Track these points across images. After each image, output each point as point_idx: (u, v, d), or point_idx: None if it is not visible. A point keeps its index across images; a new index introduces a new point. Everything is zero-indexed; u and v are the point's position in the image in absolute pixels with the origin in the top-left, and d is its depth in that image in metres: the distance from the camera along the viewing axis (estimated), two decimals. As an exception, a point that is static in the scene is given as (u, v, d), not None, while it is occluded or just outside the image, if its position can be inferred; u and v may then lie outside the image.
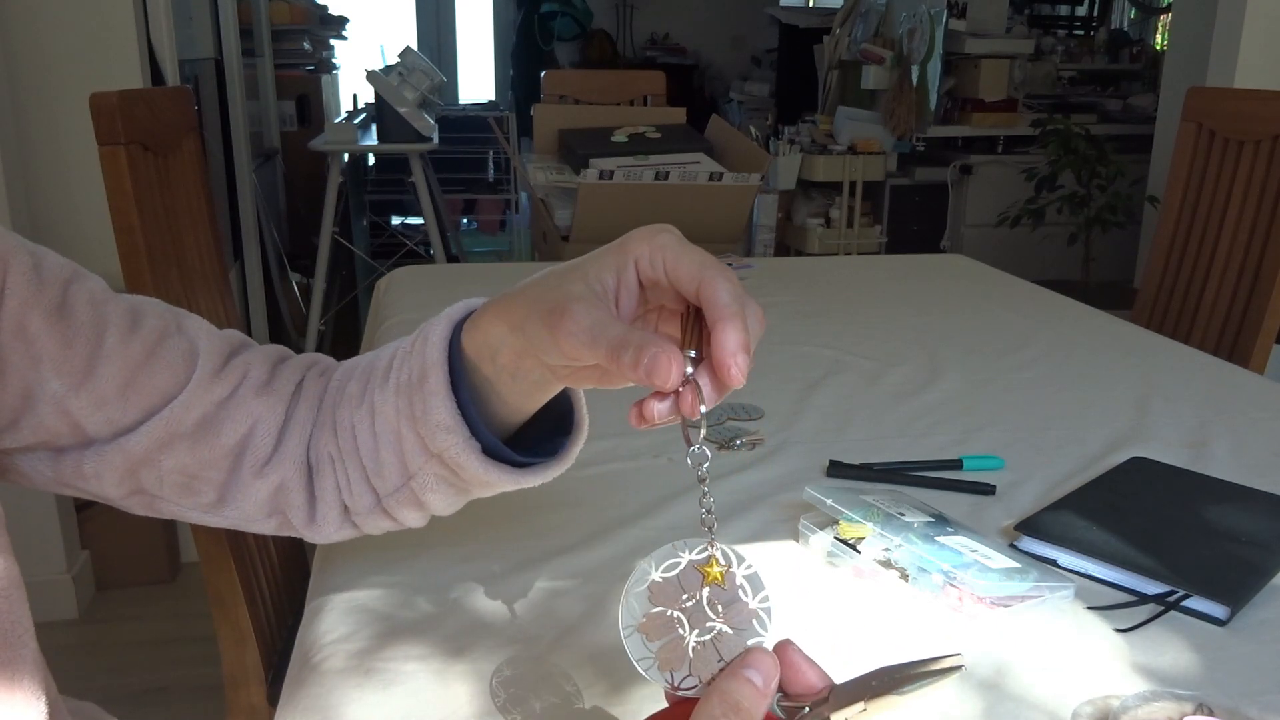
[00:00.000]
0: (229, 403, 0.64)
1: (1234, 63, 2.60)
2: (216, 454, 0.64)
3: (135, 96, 1.09)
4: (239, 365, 0.65)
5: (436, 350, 0.57)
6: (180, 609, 2.21)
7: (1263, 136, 1.64)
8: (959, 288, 1.74)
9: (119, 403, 0.61)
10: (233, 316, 1.37)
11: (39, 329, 0.59)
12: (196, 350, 0.64)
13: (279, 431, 0.65)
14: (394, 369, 0.60)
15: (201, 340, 0.65)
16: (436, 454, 0.59)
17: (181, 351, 0.63)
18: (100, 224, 1.14)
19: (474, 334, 0.57)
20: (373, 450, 0.62)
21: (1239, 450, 1.03)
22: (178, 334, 0.64)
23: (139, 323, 0.63)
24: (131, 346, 0.62)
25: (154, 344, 0.63)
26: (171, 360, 0.63)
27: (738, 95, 6.50)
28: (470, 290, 0.65)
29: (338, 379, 0.66)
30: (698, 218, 2.35)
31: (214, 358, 0.64)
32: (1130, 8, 6.40)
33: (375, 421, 0.61)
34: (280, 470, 0.64)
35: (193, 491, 0.65)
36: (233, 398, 0.64)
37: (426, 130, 3.09)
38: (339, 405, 0.64)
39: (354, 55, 5.24)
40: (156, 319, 0.64)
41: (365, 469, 0.62)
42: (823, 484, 0.90)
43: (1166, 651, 0.69)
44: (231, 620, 1.14)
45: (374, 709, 0.62)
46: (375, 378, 0.62)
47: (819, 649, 0.68)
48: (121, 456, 0.62)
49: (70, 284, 0.61)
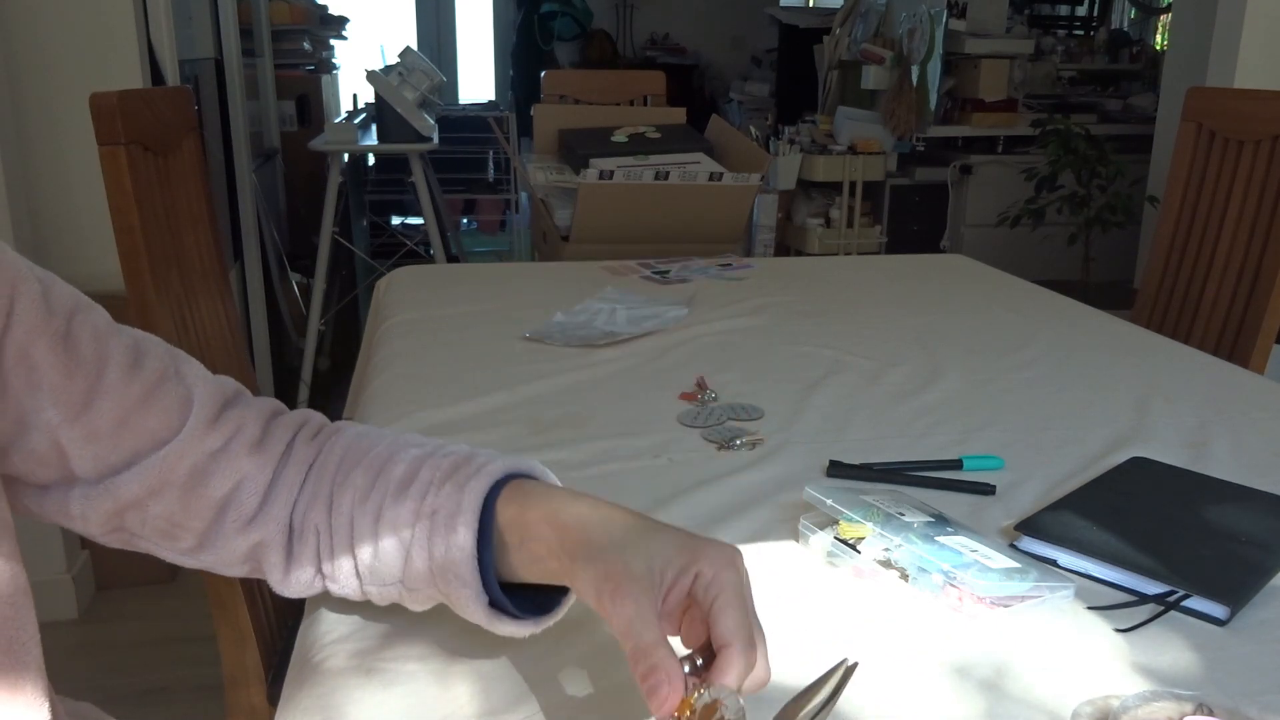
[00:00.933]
0: (220, 455, 0.65)
1: (1234, 63, 2.60)
2: (203, 505, 0.65)
3: (135, 96, 1.09)
4: (233, 418, 0.66)
5: (471, 510, 0.60)
6: (180, 609, 2.21)
7: (1263, 136, 1.64)
8: (959, 288, 1.74)
9: (110, 440, 0.62)
10: (233, 316, 1.37)
11: (42, 357, 0.59)
12: (192, 398, 0.65)
13: (265, 491, 0.66)
14: (417, 492, 0.63)
15: (198, 388, 0.66)
16: (443, 591, 0.62)
17: (178, 397, 0.65)
18: (100, 224, 1.14)
19: (517, 521, 0.60)
20: (371, 545, 0.63)
21: (1239, 450, 1.03)
22: (175, 379, 0.65)
23: (139, 362, 0.64)
24: (130, 385, 0.63)
25: (153, 386, 0.64)
26: (167, 405, 0.64)
27: (738, 95, 6.50)
28: (470, 290, 0.66)
29: (336, 453, 0.67)
30: (698, 218, 2.35)
31: (209, 407, 0.65)
32: (1130, 8, 6.40)
33: (380, 526, 0.63)
34: (262, 529, 0.66)
35: (173, 537, 0.66)
36: (224, 451, 0.65)
37: (426, 130, 3.09)
38: (339, 488, 0.65)
39: (354, 55, 5.24)
40: (156, 361, 0.65)
41: (356, 557, 0.64)
42: (823, 484, 0.90)
43: (1166, 651, 0.69)
44: (231, 620, 1.14)
45: (374, 709, 0.62)
46: (389, 485, 0.64)
47: (819, 649, 0.68)
48: (111, 499, 0.63)
49: (75, 315, 0.62)
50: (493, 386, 1.18)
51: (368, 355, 1.43)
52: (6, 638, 0.54)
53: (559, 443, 1.02)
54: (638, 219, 2.31)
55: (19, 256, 0.61)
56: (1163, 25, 5.98)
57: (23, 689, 0.55)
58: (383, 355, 1.32)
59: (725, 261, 1.89)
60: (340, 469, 0.66)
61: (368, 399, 1.18)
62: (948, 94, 4.21)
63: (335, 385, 3.37)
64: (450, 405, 1.12)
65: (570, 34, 7.06)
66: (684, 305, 1.55)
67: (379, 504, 0.64)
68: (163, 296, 1.11)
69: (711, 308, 1.55)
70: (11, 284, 0.59)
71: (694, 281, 1.73)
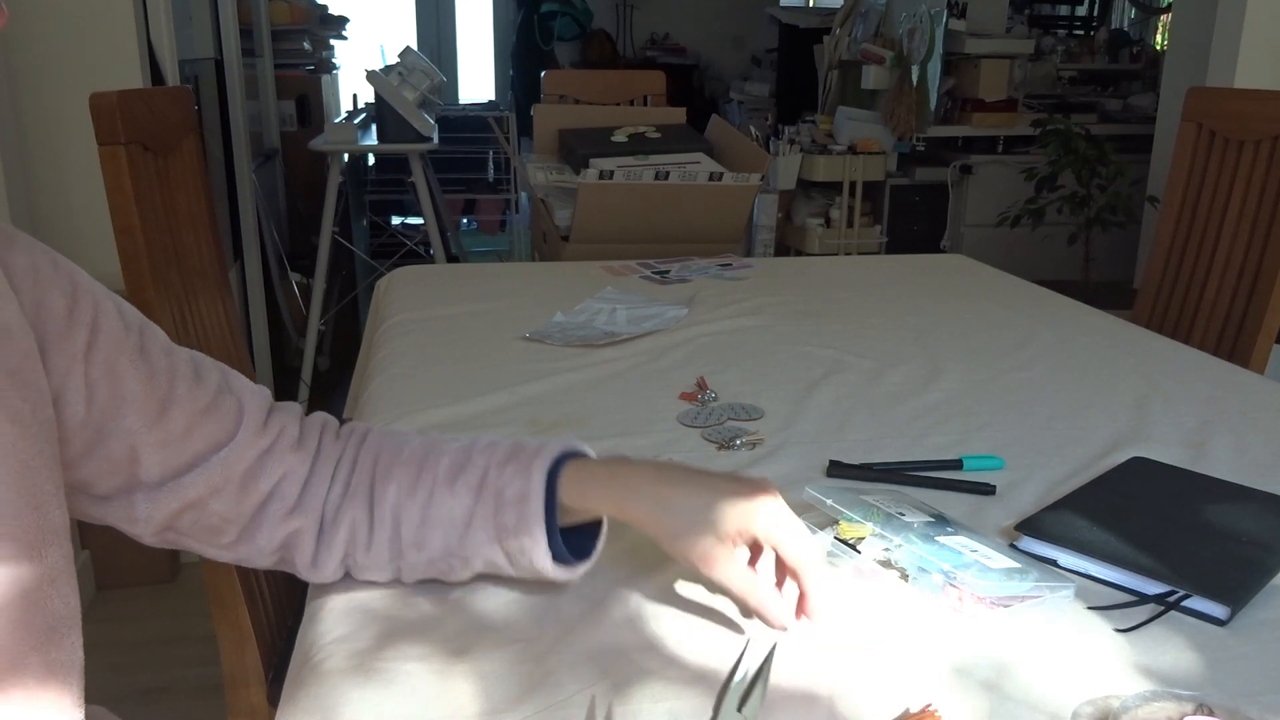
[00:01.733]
0: (268, 454, 0.72)
1: (1234, 63, 2.60)
2: (252, 499, 0.72)
3: (135, 96, 1.09)
4: (277, 422, 0.74)
5: (539, 484, 0.71)
6: (180, 609, 2.21)
7: (1263, 136, 1.64)
8: (959, 288, 1.74)
9: (178, 445, 0.69)
10: (233, 316, 1.37)
11: (125, 370, 0.66)
12: (243, 405, 0.73)
13: (303, 483, 0.74)
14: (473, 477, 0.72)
15: (246, 397, 0.74)
16: (508, 552, 0.71)
17: (232, 405, 0.72)
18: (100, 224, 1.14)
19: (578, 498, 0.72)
20: (417, 528, 0.72)
21: (1239, 450, 1.03)
22: (228, 390, 0.73)
23: (200, 375, 0.72)
24: (197, 396, 0.70)
25: (213, 396, 0.71)
26: (224, 413, 0.71)
27: (738, 95, 6.50)
28: (470, 290, 0.66)
29: (370, 453, 0.76)
30: (698, 218, 2.35)
31: (257, 414, 0.73)
32: (1130, 8, 6.40)
33: (432, 510, 0.72)
34: (301, 518, 0.73)
35: (219, 532, 0.73)
36: (271, 450, 0.73)
37: (426, 130, 3.09)
38: (380, 483, 0.74)
39: (354, 55, 5.24)
40: (212, 373, 0.73)
41: (401, 540, 0.73)
42: (823, 484, 0.90)
43: (1166, 651, 0.69)
44: (231, 620, 1.14)
45: (374, 709, 0.62)
46: (436, 475, 0.73)
47: (819, 649, 0.68)
48: (177, 499, 0.69)
49: (144, 330, 0.70)
50: (493, 386, 1.18)
51: (368, 355, 1.43)
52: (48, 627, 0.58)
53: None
54: (638, 219, 2.31)
55: (90, 277, 0.67)
56: (1163, 25, 5.98)
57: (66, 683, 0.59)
58: (383, 355, 1.32)
59: (725, 261, 1.89)
60: (379, 466, 0.74)
61: (368, 399, 1.18)
62: (948, 94, 4.20)
63: (335, 385, 3.36)
64: (450, 405, 1.12)
65: (570, 34, 7.05)
66: (684, 305, 1.55)
67: (429, 492, 0.72)
68: (163, 296, 1.11)
69: (711, 308, 1.55)
70: (94, 304, 0.66)
71: (694, 281, 1.73)
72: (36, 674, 0.57)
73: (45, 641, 0.58)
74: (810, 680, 0.65)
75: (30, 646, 0.57)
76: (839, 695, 0.63)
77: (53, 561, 0.58)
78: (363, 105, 4.22)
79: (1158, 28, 6.13)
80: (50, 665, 0.58)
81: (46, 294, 0.63)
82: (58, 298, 0.63)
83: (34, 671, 0.57)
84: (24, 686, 0.56)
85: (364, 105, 4.17)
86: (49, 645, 0.58)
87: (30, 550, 0.57)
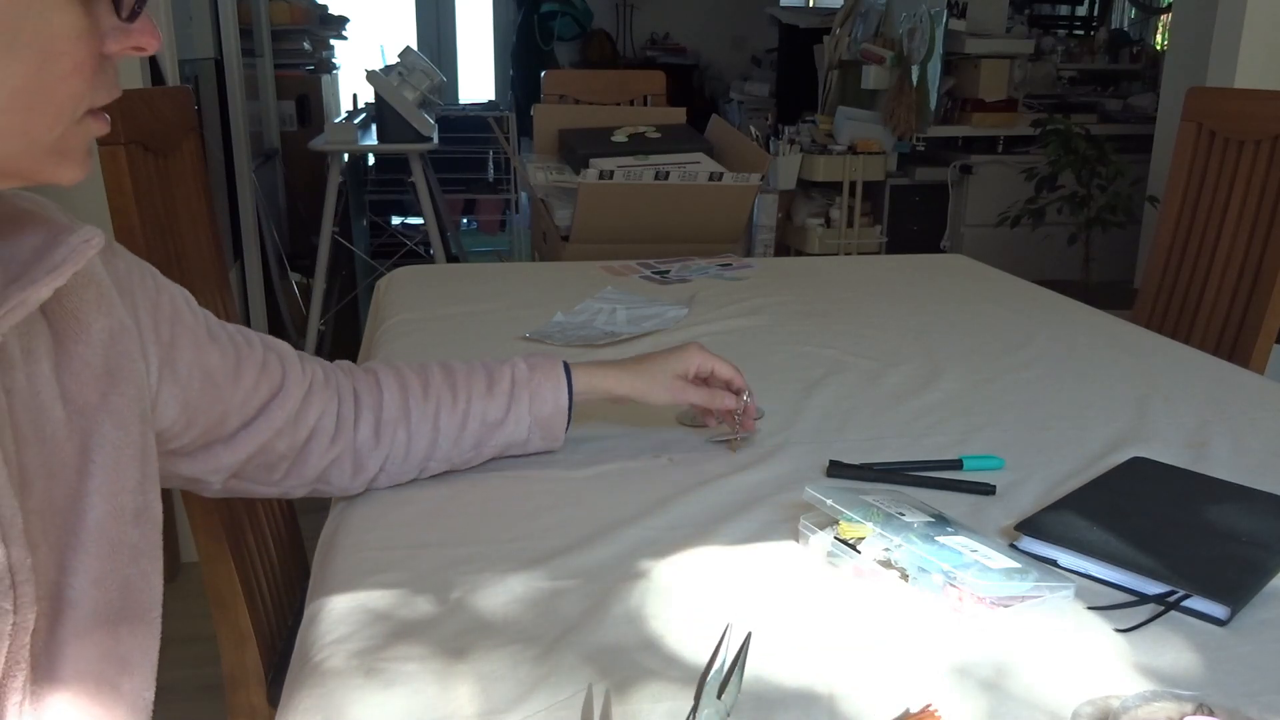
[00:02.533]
0: (310, 395, 0.84)
1: (1234, 63, 2.60)
2: (303, 435, 0.84)
3: (135, 96, 1.09)
4: (309, 366, 0.86)
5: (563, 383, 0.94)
6: (180, 609, 2.20)
7: (1263, 136, 1.64)
8: (959, 288, 1.74)
9: (249, 399, 0.79)
10: (233, 316, 1.36)
11: (207, 348, 0.76)
12: (284, 358, 0.84)
13: (337, 416, 0.86)
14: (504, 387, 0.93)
15: (281, 350, 0.85)
16: (533, 434, 0.94)
17: (275, 360, 0.83)
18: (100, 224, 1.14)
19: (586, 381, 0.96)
20: (456, 435, 0.91)
21: (1239, 450, 1.03)
22: (268, 348, 0.83)
23: (248, 339, 0.82)
24: (254, 356, 0.81)
25: (263, 354, 0.82)
26: (273, 366, 0.82)
27: (738, 95, 6.50)
28: (470, 290, 0.67)
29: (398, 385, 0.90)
30: (698, 218, 2.35)
31: (295, 362, 0.85)
32: (1130, 8, 6.40)
33: (470, 415, 0.91)
34: (340, 445, 0.86)
35: (273, 469, 0.84)
36: (311, 390, 0.84)
37: (426, 130, 3.09)
38: (419, 404, 0.90)
39: (354, 55, 5.24)
40: (253, 335, 0.83)
41: (437, 447, 0.90)
42: (823, 484, 0.90)
43: (1166, 651, 0.69)
44: (231, 620, 1.14)
45: (374, 709, 0.62)
46: (472, 389, 0.92)
47: (819, 649, 0.68)
48: (253, 443, 0.80)
49: (204, 312, 0.78)
50: (493, 386, 1.18)
51: (368, 355, 1.43)
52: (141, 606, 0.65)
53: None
54: (638, 219, 2.31)
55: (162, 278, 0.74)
56: (1163, 25, 5.98)
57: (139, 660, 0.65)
58: (383, 355, 1.32)
59: (725, 261, 1.89)
60: (411, 394, 0.90)
61: (368, 399, 1.18)
62: (948, 94, 4.20)
63: (335, 385, 3.36)
64: (450, 405, 1.12)
65: (570, 34, 7.05)
66: (684, 305, 1.55)
67: (466, 400, 0.91)
68: (163, 296, 1.11)
69: (711, 308, 1.55)
70: (171, 297, 0.74)
71: (694, 281, 1.73)
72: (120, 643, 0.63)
73: (130, 615, 0.64)
74: (810, 680, 0.65)
75: (116, 619, 0.63)
76: (839, 695, 0.63)
77: (137, 541, 0.65)
78: (363, 105, 4.22)
79: (1158, 28, 6.13)
80: (132, 636, 0.64)
81: (140, 295, 0.70)
82: (147, 298, 0.71)
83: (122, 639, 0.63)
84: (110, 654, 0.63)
85: (364, 105, 4.17)
86: (132, 619, 0.64)
87: (120, 529, 0.63)
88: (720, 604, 0.74)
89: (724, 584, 0.77)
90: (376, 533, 0.84)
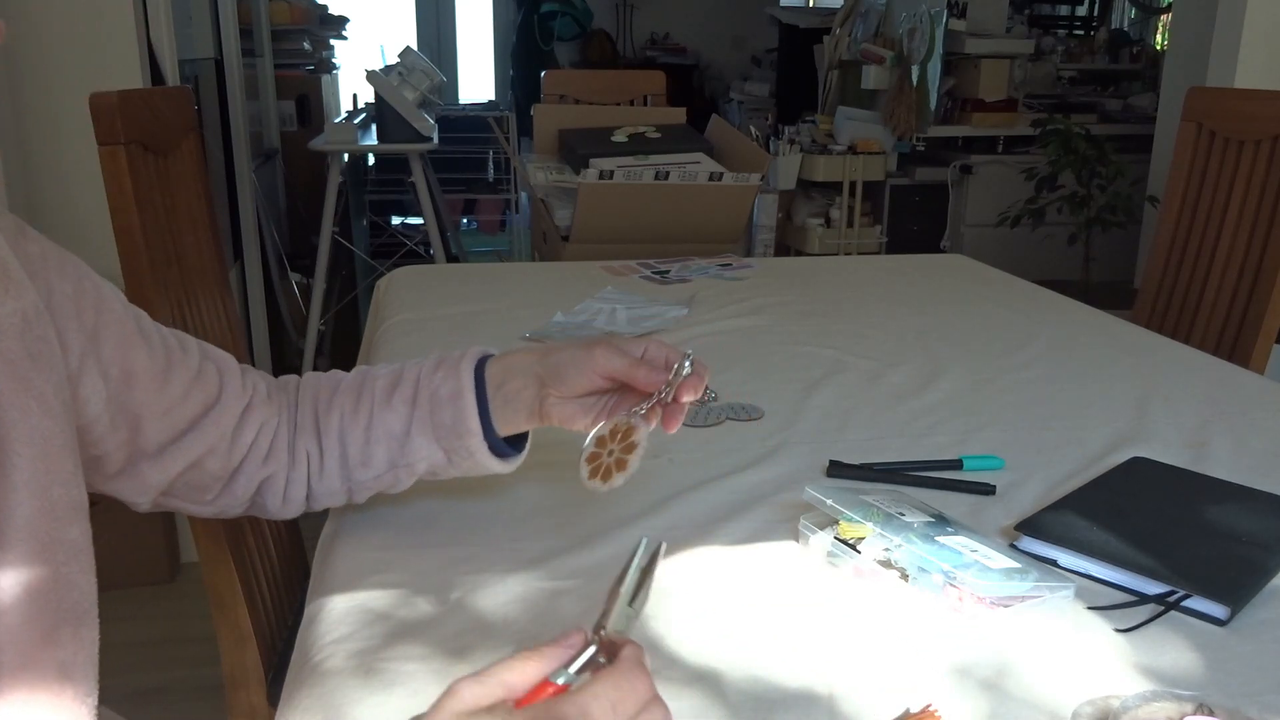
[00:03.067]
0: (248, 410, 0.79)
1: (1234, 63, 2.60)
2: (238, 453, 0.78)
3: (135, 96, 1.09)
4: (250, 380, 0.81)
5: (469, 377, 0.79)
6: (180, 609, 2.21)
7: (1263, 136, 1.64)
8: (959, 288, 1.74)
9: (178, 411, 0.74)
10: (233, 316, 1.36)
11: (133, 345, 0.71)
12: (222, 370, 0.79)
13: (274, 432, 0.80)
14: (407, 389, 0.80)
15: (221, 362, 0.80)
16: (447, 449, 0.79)
17: (213, 371, 0.78)
18: (100, 224, 1.14)
19: (498, 364, 0.80)
20: (362, 448, 0.80)
21: (1239, 450, 1.03)
22: (207, 357, 0.78)
23: (185, 347, 0.77)
24: (188, 364, 0.76)
25: (199, 364, 0.77)
26: (209, 377, 0.77)
27: (738, 95, 6.50)
28: (470, 290, 0.67)
29: (309, 393, 0.83)
30: (698, 218, 2.35)
31: (234, 377, 0.79)
32: (1130, 8, 6.39)
33: (373, 428, 0.80)
34: (273, 463, 0.80)
35: (206, 489, 0.79)
36: (250, 406, 0.79)
37: (426, 130, 3.09)
38: (324, 414, 0.81)
39: (354, 55, 5.23)
40: (191, 343, 0.78)
41: (349, 461, 0.80)
42: (823, 484, 0.90)
43: (1166, 651, 0.69)
44: (231, 620, 1.14)
45: (374, 709, 0.62)
46: (374, 395, 0.81)
47: (818, 649, 0.68)
48: (181, 461, 0.75)
49: (135, 309, 0.74)
50: (493, 386, 1.18)
51: (368, 355, 1.43)
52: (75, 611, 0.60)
53: (559, 442, 1.02)
54: (638, 219, 2.31)
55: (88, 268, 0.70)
56: (1163, 25, 5.97)
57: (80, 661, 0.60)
58: (383, 355, 1.32)
59: (725, 261, 1.89)
60: (319, 401, 0.82)
61: (368, 399, 1.18)
62: (948, 94, 4.20)
63: (335, 385, 3.36)
64: (450, 405, 1.12)
65: (570, 34, 7.05)
66: (684, 305, 1.55)
67: (369, 412, 0.80)
68: (163, 296, 1.11)
69: (711, 308, 1.55)
70: (95, 286, 0.69)
71: (694, 281, 1.73)
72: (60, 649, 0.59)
73: (67, 618, 0.59)
74: (810, 680, 0.65)
75: (52, 624, 0.58)
76: (839, 695, 0.63)
77: (74, 538, 0.61)
78: (363, 105, 4.22)
79: (1158, 28, 6.13)
80: (74, 641, 0.60)
81: (57, 280, 0.66)
82: (67, 284, 0.67)
83: (61, 644, 0.59)
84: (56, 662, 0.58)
85: (364, 105, 4.17)
86: (70, 621, 0.60)
87: (52, 526, 0.59)
88: (720, 604, 0.74)
89: (724, 584, 0.77)
90: (376, 533, 0.84)
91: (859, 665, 0.67)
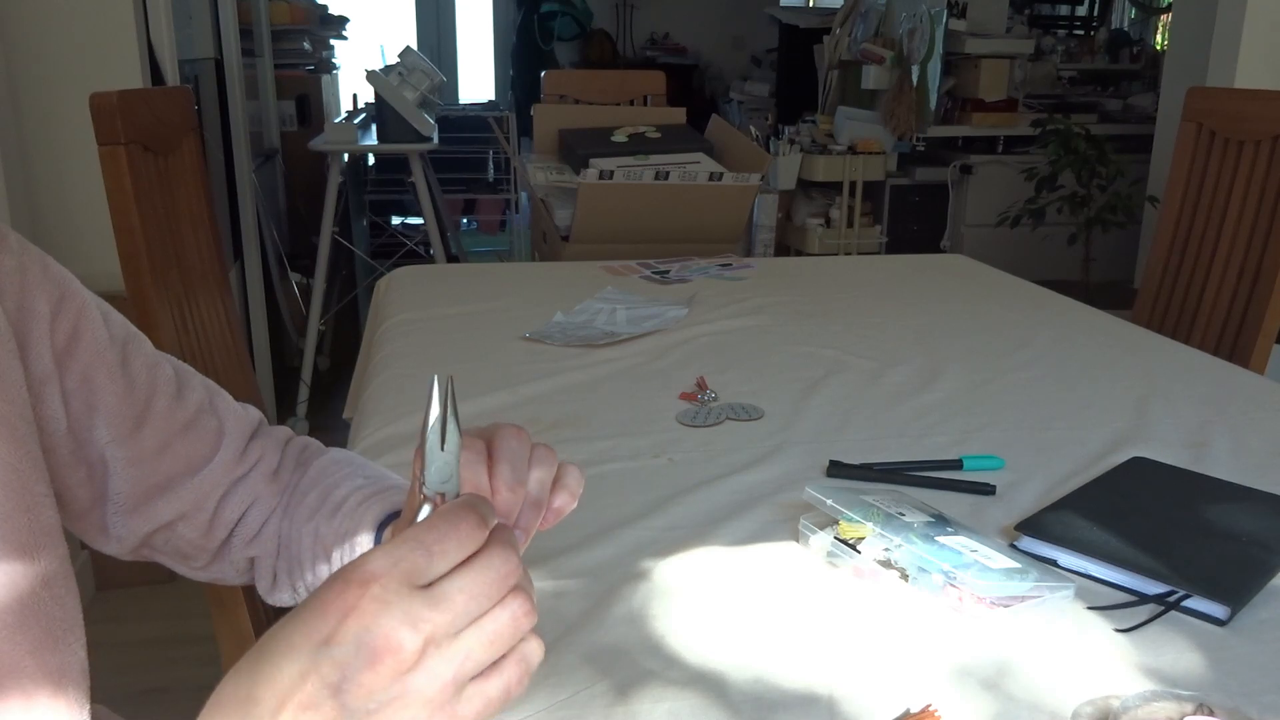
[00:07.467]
0: (241, 481, 0.71)
1: (1234, 63, 2.60)
2: (220, 526, 0.71)
3: (135, 96, 1.09)
4: (257, 449, 0.72)
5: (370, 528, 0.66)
6: (180, 609, 2.21)
7: (1263, 136, 1.64)
8: (959, 288, 1.74)
9: (151, 464, 0.67)
10: (233, 316, 1.37)
11: (102, 380, 0.64)
12: (224, 429, 0.71)
13: (268, 513, 0.72)
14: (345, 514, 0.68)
15: (229, 420, 0.72)
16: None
17: (213, 428, 0.70)
18: (100, 224, 1.14)
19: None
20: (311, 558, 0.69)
21: (1239, 450, 1.03)
22: (210, 411, 0.71)
23: (182, 393, 0.69)
24: (175, 414, 0.68)
25: (193, 416, 0.69)
26: (203, 435, 0.69)
27: (738, 95, 6.50)
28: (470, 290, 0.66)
29: (308, 478, 0.73)
30: (698, 218, 2.35)
31: (238, 439, 0.71)
32: (1130, 8, 6.40)
33: (317, 544, 0.69)
34: (260, 545, 0.72)
35: (190, 558, 0.72)
36: (246, 478, 0.71)
37: (426, 130, 3.09)
38: (295, 507, 0.72)
39: (354, 55, 5.24)
40: (196, 393, 0.70)
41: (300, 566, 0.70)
42: (823, 484, 0.90)
43: (1166, 651, 0.69)
44: (231, 620, 1.14)
45: (374, 709, 0.62)
46: (327, 506, 0.70)
47: (818, 649, 0.68)
48: (148, 522, 0.68)
49: (128, 342, 0.67)
50: (493, 386, 1.18)
51: (368, 355, 1.43)
52: (51, 634, 0.56)
53: (559, 442, 1.02)
54: (638, 219, 2.31)
55: (80, 285, 0.65)
56: (1163, 25, 5.97)
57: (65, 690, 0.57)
58: (383, 355, 1.32)
59: (725, 261, 1.89)
60: (300, 491, 0.73)
61: (368, 399, 1.18)
62: (948, 94, 4.20)
63: (335, 385, 3.36)
64: (450, 405, 1.12)
65: (570, 34, 7.05)
66: (684, 305, 1.55)
67: (318, 523, 0.69)
68: (163, 296, 1.11)
69: (711, 308, 1.55)
70: (78, 310, 0.64)
71: (694, 281, 1.73)
72: (35, 679, 0.55)
73: (43, 646, 0.56)
74: (810, 680, 0.65)
75: (27, 651, 0.55)
76: (839, 695, 0.63)
77: (47, 564, 0.57)
78: (363, 105, 4.22)
79: (1158, 28, 6.13)
80: (49, 670, 0.56)
81: (31, 297, 0.62)
82: (42, 302, 0.62)
83: (32, 676, 0.55)
84: (23, 692, 0.54)
85: (364, 105, 4.17)
86: (47, 649, 0.57)
87: (23, 553, 0.55)
88: (720, 604, 0.74)
89: (724, 584, 0.77)
90: (376, 533, 0.84)
91: (859, 665, 0.67)
